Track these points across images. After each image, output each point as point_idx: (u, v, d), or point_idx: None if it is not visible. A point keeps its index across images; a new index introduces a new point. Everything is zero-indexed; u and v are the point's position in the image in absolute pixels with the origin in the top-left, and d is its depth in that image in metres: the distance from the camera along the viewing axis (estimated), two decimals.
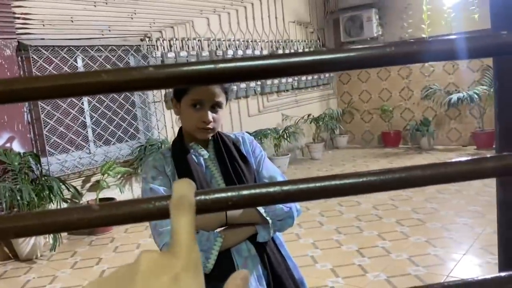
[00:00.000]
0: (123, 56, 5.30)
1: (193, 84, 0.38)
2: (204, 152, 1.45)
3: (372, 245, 3.88)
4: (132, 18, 5.43)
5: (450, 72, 7.63)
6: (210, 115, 1.36)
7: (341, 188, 0.37)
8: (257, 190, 0.37)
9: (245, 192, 0.37)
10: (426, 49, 0.38)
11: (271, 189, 0.37)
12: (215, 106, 1.38)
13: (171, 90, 5.73)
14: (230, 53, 6.54)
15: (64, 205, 4.55)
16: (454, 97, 7.13)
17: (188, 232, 0.30)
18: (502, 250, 1.23)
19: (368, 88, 8.53)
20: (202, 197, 0.36)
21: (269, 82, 7.18)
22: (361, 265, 3.52)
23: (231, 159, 1.44)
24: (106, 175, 4.80)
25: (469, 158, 0.39)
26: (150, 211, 0.37)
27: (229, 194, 0.37)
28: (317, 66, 0.39)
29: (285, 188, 0.37)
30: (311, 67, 0.39)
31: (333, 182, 0.37)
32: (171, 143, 1.51)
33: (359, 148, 8.51)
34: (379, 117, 8.44)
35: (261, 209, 1.37)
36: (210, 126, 1.37)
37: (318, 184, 0.38)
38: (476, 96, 6.97)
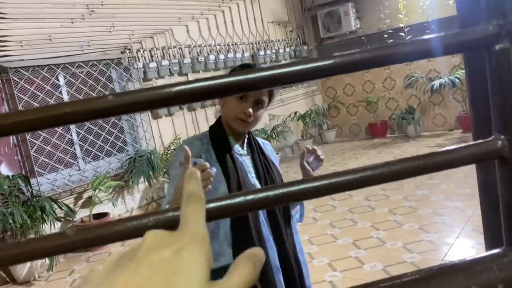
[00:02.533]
0: (105, 70, 5.29)
1: (153, 108, 0.40)
2: (240, 148, 1.52)
3: (367, 237, 3.92)
4: (110, 31, 5.42)
5: (431, 59, 7.71)
6: (252, 109, 1.43)
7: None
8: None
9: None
10: (399, 52, 0.42)
11: (309, 184, 0.40)
12: (259, 103, 1.45)
13: None
14: (212, 58, 6.56)
15: (58, 224, 4.54)
16: (436, 83, 7.22)
17: (197, 214, 0.30)
18: (487, 230, 1.28)
19: (351, 81, 8.60)
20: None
21: None
22: (357, 257, 3.56)
23: (264, 160, 1.53)
24: (97, 190, 4.79)
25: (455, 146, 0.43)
26: (123, 232, 0.40)
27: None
28: (273, 80, 0.41)
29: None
30: (269, 82, 0.41)
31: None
32: (183, 139, 1.54)
33: (347, 141, 8.58)
34: (365, 109, 8.51)
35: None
36: (249, 119, 1.43)
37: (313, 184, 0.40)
38: (457, 80, 7.07)
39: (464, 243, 3.51)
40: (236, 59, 6.93)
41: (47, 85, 4.73)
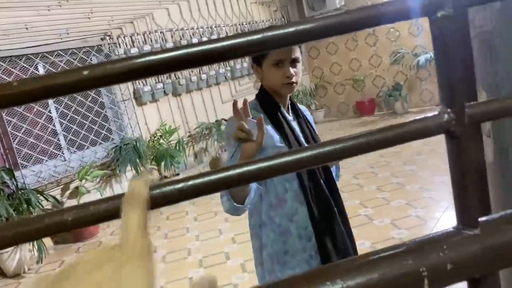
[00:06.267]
0: (85, 58, 5.20)
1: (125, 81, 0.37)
2: (287, 114, 1.58)
3: (355, 214, 3.94)
4: (89, 18, 5.30)
5: (415, 34, 7.68)
6: (292, 70, 1.48)
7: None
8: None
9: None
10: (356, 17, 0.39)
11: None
12: (294, 62, 1.50)
13: (144, 84, 5.64)
14: (195, 41, 6.44)
15: None
16: (422, 58, 7.20)
17: (136, 225, 0.30)
18: (456, 203, 1.28)
19: (338, 60, 8.55)
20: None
21: (238, 66, 7.13)
22: None
23: (308, 124, 1.63)
24: (84, 180, 4.74)
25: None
26: (41, 229, 0.37)
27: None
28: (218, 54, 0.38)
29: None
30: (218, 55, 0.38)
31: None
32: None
33: (336, 121, 8.57)
34: (352, 88, 8.48)
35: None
36: (293, 80, 1.49)
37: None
38: None
39: (451, 216, 3.54)
40: None
41: (26, 75, 4.63)
